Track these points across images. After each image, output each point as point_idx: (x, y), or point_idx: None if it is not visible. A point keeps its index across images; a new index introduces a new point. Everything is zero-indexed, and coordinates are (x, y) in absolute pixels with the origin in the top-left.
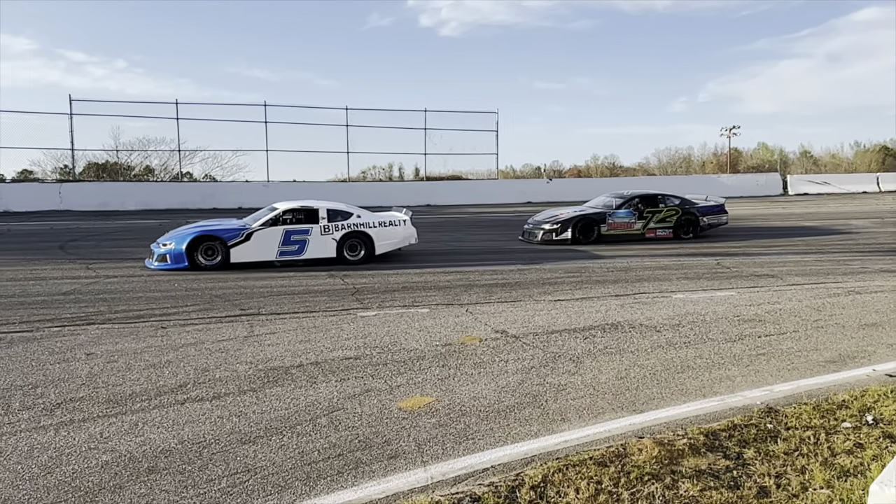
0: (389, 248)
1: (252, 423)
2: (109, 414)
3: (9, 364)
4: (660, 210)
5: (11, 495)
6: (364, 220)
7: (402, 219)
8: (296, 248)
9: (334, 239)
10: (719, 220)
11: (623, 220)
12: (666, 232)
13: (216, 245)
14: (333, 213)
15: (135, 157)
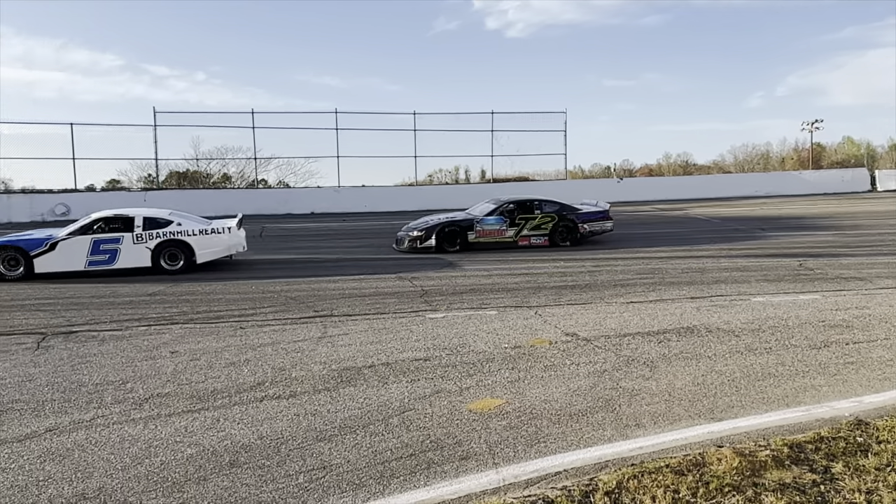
0: (212, 256)
1: (327, 422)
2: (193, 409)
3: (101, 360)
4: (534, 217)
5: (106, 483)
6: (184, 228)
7: (227, 226)
8: (106, 257)
9: (148, 248)
10: (602, 226)
11: (493, 228)
12: (541, 239)
13: (18, 256)
14: (150, 222)
15: (213, 166)
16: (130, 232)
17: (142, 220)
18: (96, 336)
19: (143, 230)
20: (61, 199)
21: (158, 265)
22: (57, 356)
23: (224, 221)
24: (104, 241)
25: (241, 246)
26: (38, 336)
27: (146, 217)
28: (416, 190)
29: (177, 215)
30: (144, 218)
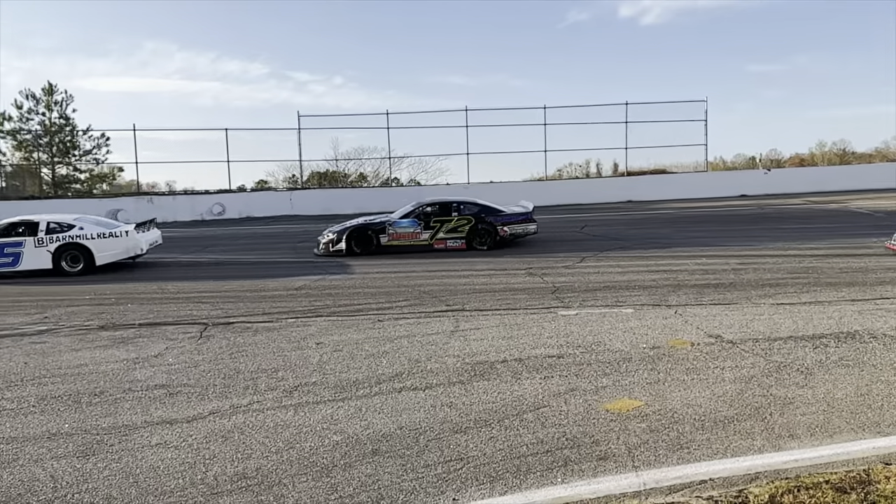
0: (111, 259)
1: (462, 414)
2: (337, 398)
3: (255, 350)
4: (451, 219)
5: (263, 465)
6: (84, 232)
7: (125, 230)
8: (10, 259)
9: (49, 251)
10: (525, 229)
11: (406, 230)
12: (458, 243)
13: None
14: (53, 226)
15: (351, 166)
16: (34, 236)
17: (45, 225)
18: (250, 327)
19: (45, 234)
20: (218, 199)
21: (59, 267)
22: (217, 345)
23: (123, 226)
24: (8, 244)
25: (139, 248)
26: (200, 326)
27: (49, 222)
28: (545, 185)
29: (83, 220)
30: (48, 223)
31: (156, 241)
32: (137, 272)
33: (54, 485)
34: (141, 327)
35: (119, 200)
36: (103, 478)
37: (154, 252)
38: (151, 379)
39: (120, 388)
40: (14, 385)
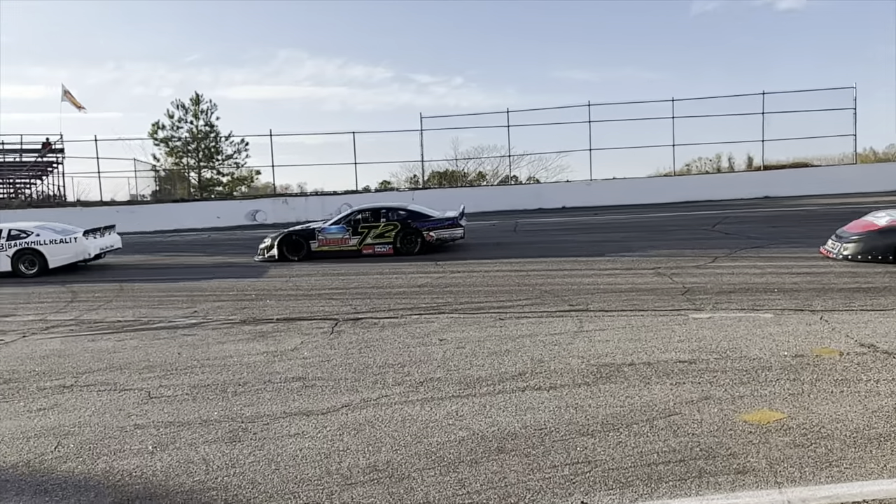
0: (62, 262)
1: (588, 417)
2: (461, 395)
3: (382, 345)
4: (378, 225)
5: (392, 458)
6: (40, 238)
7: (75, 236)
8: None
9: (8, 255)
10: (452, 234)
11: (335, 237)
12: (385, 248)
13: None
14: (14, 233)
15: (470, 165)
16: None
17: (7, 233)
18: (377, 323)
19: (6, 240)
20: (345, 199)
21: (18, 270)
22: (347, 340)
23: (74, 231)
24: None
25: (87, 253)
26: (332, 321)
27: (11, 229)
28: (672, 181)
29: (42, 228)
30: (10, 230)
31: (111, 245)
32: (273, 270)
33: (206, 468)
34: (278, 322)
35: (258, 202)
36: (249, 463)
37: None
38: (289, 372)
39: (261, 379)
40: (170, 374)
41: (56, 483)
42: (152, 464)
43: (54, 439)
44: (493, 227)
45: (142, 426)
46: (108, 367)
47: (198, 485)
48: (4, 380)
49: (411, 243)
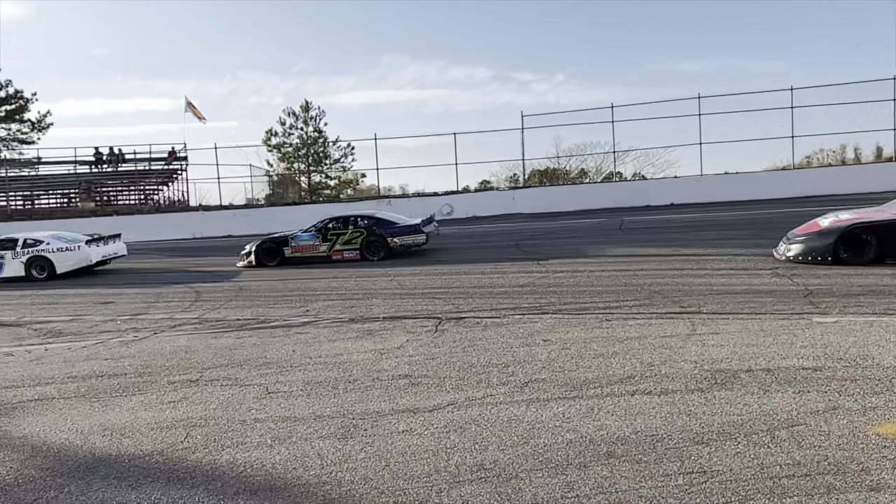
0: (68, 268)
1: (703, 424)
2: (568, 397)
3: (486, 344)
4: (346, 232)
5: (499, 458)
6: (50, 246)
7: (79, 244)
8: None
9: (22, 262)
10: (415, 240)
11: (307, 243)
12: (353, 253)
13: None
14: (28, 242)
15: (573, 162)
16: (13, 250)
17: (22, 241)
18: (480, 322)
19: (21, 248)
20: (446, 200)
21: (30, 274)
22: (451, 338)
23: (78, 239)
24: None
25: (90, 259)
26: (435, 320)
27: (26, 238)
28: (791, 174)
29: (54, 237)
30: (25, 239)
31: (115, 253)
32: (374, 270)
33: (321, 462)
34: (384, 321)
35: (363, 204)
36: (360, 459)
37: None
38: (395, 369)
39: (369, 376)
40: (285, 370)
41: (186, 472)
42: (271, 457)
43: (184, 430)
44: (598, 226)
45: (261, 420)
46: (229, 363)
47: (313, 478)
48: (139, 373)
49: (376, 249)
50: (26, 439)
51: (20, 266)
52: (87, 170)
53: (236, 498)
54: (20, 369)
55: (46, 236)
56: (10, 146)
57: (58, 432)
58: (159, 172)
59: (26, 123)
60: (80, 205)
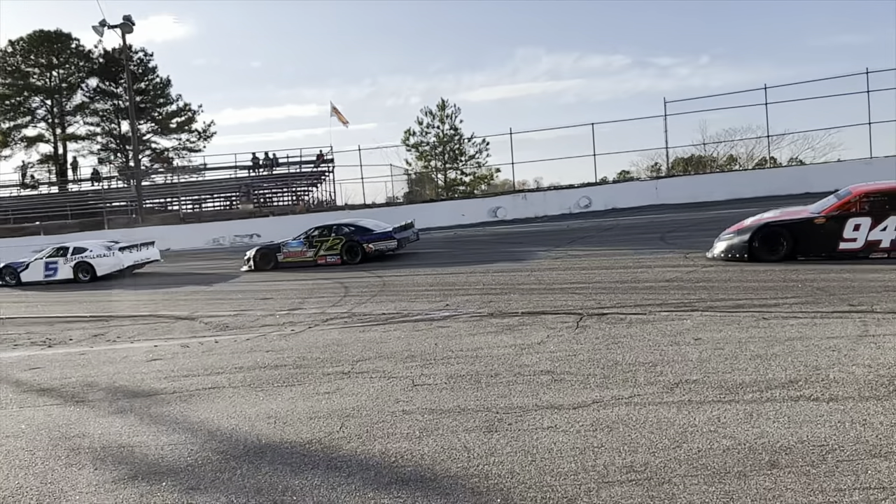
0: (105, 271)
1: (880, 436)
2: (722, 400)
3: (630, 342)
4: (328, 239)
5: (650, 461)
6: (92, 253)
7: (114, 251)
8: (52, 272)
9: (71, 267)
10: (387, 245)
11: (296, 250)
12: (335, 258)
13: (13, 272)
14: (75, 250)
15: (721, 148)
16: (64, 257)
17: (72, 249)
18: (623, 318)
19: (70, 255)
20: (583, 192)
21: (77, 277)
22: (593, 335)
23: (115, 248)
24: (51, 262)
25: (122, 264)
26: (576, 316)
27: (75, 246)
28: None
29: (98, 245)
30: (74, 247)
31: (147, 258)
32: (514, 266)
33: (468, 455)
34: (523, 316)
35: (498, 199)
36: (506, 453)
37: (524, 244)
38: (537, 365)
39: (511, 371)
40: (429, 363)
41: (342, 460)
42: (420, 448)
43: (339, 420)
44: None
45: (409, 412)
46: (377, 355)
47: (461, 471)
48: (297, 365)
49: (354, 254)
50: (203, 424)
51: (69, 270)
52: (245, 174)
53: (389, 487)
54: (195, 360)
55: (91, 244)
56: (181, 154)
57: (228, 418)
58: (309, 174)
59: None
60: (240, 207)
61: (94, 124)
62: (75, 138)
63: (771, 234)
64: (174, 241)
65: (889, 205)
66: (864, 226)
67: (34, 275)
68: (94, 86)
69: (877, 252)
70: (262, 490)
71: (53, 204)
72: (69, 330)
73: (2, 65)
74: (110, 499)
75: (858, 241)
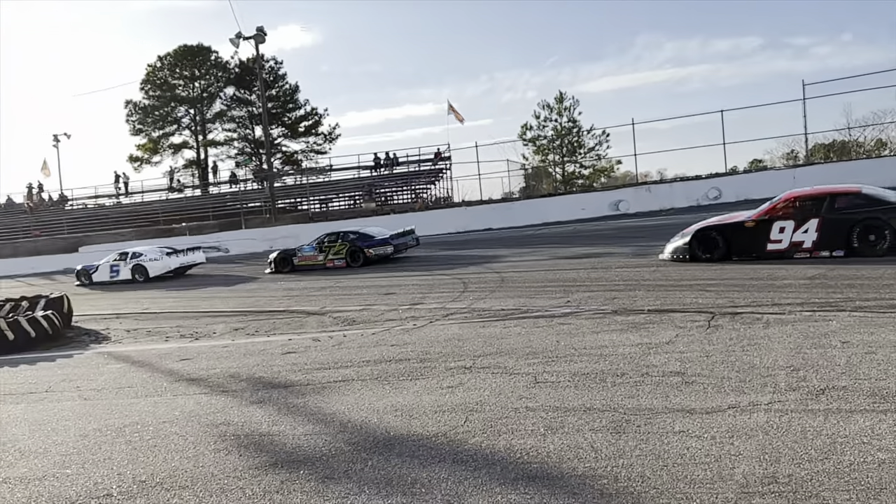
0: (156, 273)
1: None
2: (876, 409)
3: (768, 344)
4: (335, 245)
5: (794, 472)
6: (147, 257)
7: (163, 255)
8: (115, 273)
9: (129, 268)
10: (384, 250)
11: (309, 254)
12: (341, 262)
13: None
14: (133, 254)
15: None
16: (124, 260)
17: (131, 254)
18: (760, 319)
19: (129, 259)
20: (712, 183)
21: (134, 278)
22: (726, 335)
23: (163, 252)
24: (114, 265)
25: (169, 267)
26: (707, 315)
27: (133, 251)
28: None
29: (152, 250)
30: (133, 252)
31: (193, 261)
32: (634, 261)
33: (595, 455)
34: (650, 313)
35: (620, 192)
36: (635, 456)
37: (648, 239)
38: (665, 365)
39: (638, 371)
40: (551, 361)
41: (468, 454)
42: (545, 446)
43: (462, 415)
44: None
45: (532, 409)
46: (497, 351)
47: (588, 471)
48: (420, 359)
49: (357, 258)
50: (335, 416)
51: (128, 272)
52: (367, 174)
53: (516, 483)
54: (326, 353)
55: (146, 250)
56: (308, 157)
57: (358, 410)
58: (427, 172)
59: (320, 136)
60: (363, 205)
61: (230, 130)
62: (215, 144)
63: (707, 238)
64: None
65: (811, 209)
66: (789, 228)
67: (102, 276)
68: (230, 94)
69: (800, 252)
70: (392, 481)
71: (197, 205)
72: (213, 324)
73: (152, 79)
74: (254, 484)
75: (783, 242)
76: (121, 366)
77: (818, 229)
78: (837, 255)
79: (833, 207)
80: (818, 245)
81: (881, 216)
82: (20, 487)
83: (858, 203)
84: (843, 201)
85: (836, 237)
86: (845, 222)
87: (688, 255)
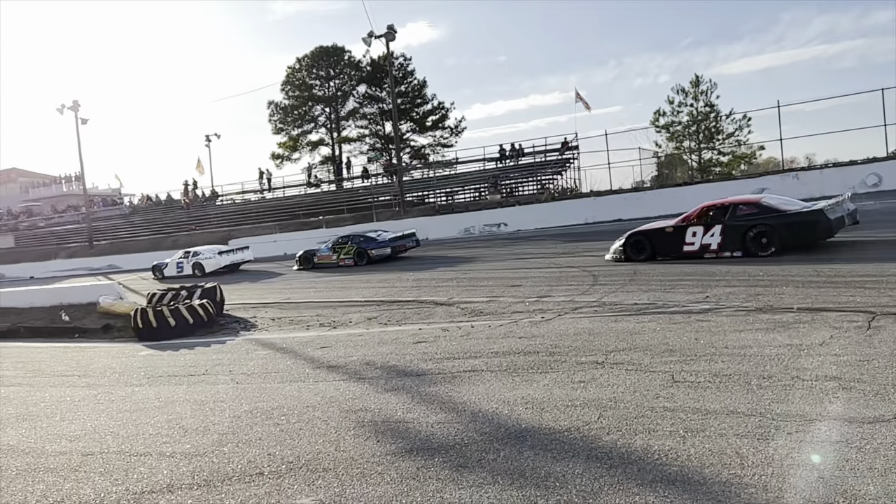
0: (211, 269)
1: None
2: None
3: None
4: (345, 246)
5: None
6: (203, 255)
7: (215, 253)
8: (181, 269)
9: (190, 265)
10: (383, 252)
11: (326, 254)
12: (350, 261)
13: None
14: (194, 253)
15: None
16: (187, 258)
17: (192, 253)
18: None
19: (191, 256)
20: (870, 168)
21: (194, 273)
22: (889, 337)
23: (216, 251)
24: (179, 262)
25: (220, 265)
26: (867, 315)
27: (193, 251)
28: None
29: (207, 249)
30: (193, 251)
31: (241, 259)
32: (791, 255)
33: (741, 461)
34: (799, 312)
35: (763, 180)
36: (786, 465)
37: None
38: (819, 369)
39: (787, 374)
40: (689, 359)
41: (602, 452)
42: (685, 448)
43: (596, 411)
44: None
45: (670, 409)
46: (630, 347)
47: (733, 478)
48: (550, 352)
49: (362, 258)
50: (466, 405)
51: (190, 268)
52: (493, 166)
53: (654, 485)
54: (454, 343)
55: (204, 249)
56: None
57: (489, 401)
58: (553, 163)
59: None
60: (488, 197)
61: (363, 127)
62: (348, 140)
63: (636, 242)
64: (431, 231)
65: (717, 216)
66: (699, 233)
67: (171, 271)
68: (362, 92)
69: (709, 253)
70: (525, 473)
71: (332, 200)
72: (349, 313)
73: (291, 80)
74: (392, 470)
75: (695, 244)
76: (267, 352)
77: (721, 234)
78: (736, 255)
79: (735, 215)
80: (721, 247)
81: (771, 223)
82: (184, 462)
83: (755, 212)
84: (744, 210)
85: (734, 240)
86: (742, 228)
87: (623, 256)
